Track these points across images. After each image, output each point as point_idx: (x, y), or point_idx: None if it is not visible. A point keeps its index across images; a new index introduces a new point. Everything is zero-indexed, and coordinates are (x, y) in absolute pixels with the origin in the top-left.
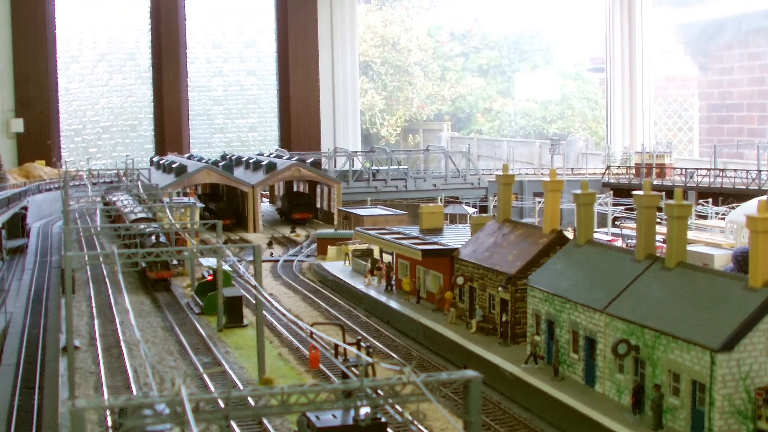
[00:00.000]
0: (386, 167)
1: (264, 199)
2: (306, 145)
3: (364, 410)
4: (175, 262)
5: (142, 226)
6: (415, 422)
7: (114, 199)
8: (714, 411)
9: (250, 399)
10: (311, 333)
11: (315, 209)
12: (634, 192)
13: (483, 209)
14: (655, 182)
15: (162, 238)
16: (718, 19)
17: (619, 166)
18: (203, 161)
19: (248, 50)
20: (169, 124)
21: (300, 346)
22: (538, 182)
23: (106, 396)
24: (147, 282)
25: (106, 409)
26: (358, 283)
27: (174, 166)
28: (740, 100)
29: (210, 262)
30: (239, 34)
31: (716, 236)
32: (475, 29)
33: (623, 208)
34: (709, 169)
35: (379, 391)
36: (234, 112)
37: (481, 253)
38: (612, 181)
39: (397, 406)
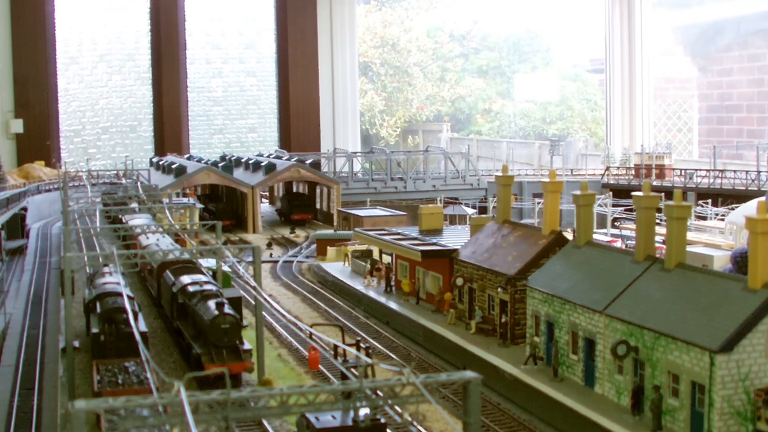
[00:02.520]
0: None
1: (263, 199)
2: (305, 145)
3: (364, 411)
4: (247, 344)
5: (189, 285)
6: (415, 423)
7: (131, 223)
8: (713, 412)
9: (249, 400)
10: (310, 334)
11: (314, 210)
12: (633, 193)
13: (482, 210)
14: (654, 183)
15: (227, 307)
16: (718, 20)
17: (618, 167)
18: (203, 162)
19: (248, 51)
20: (169, 124)
21: (299, 347)
22: (538, 183)
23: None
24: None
25: (105, 410)
26: (358, 284)
27: (173, 166)
28: (740, 102)
29: (209, 263)
30: (239, 35)
31: (716, 237)
32: (474, 30)
33: (623, 209)
34: (708, 170)
35: (378, 392)
36: (233, 112)
37: (480, 254)
38: (611, 182)
39: (397, 407)
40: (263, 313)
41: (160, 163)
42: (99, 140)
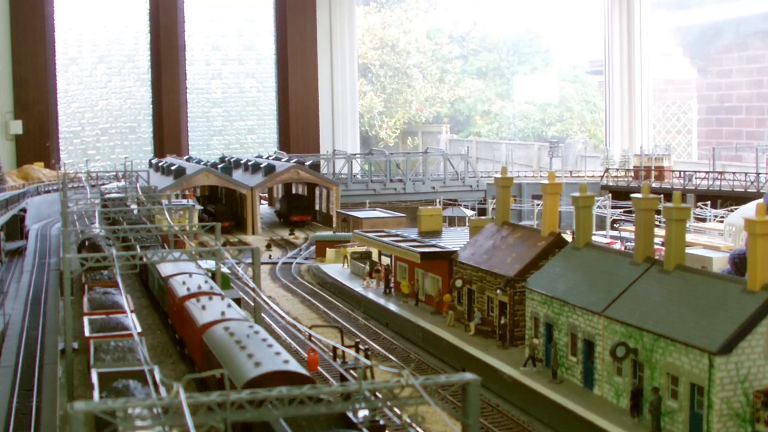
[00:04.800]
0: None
1: (263, 201)
2: (305, 147)
3: (363, 413)
4: None
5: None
6: (414, 425)
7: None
8: (712, 414)
9: (248, 402)
10: (310, 335)
11: (314, 211)
12: (632, 195)
13: (482, 212)
14: (653, 185)
15: None
16: (717, 22)
17: (617, 169)
18: (202, 163)
19: (247, 52)
20: (168, 126)
21: (299, 348)
22: (537, 185)
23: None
24: None
25: (104, 411)
26: (357, 286)
27: (173, 168)
28: (739, 103)
29: (209, 264)
30: (238, 36)
31: (715, 239)
32: (473, 32)
33: (622, 210)
34: (707, 172)
35: (377, 394)
36: (233, 114)
37: (479, 255)
38: (611, 183)
39: (396, 409)
40: (262, 314)
41: (160, 164)
42: (98, 141)
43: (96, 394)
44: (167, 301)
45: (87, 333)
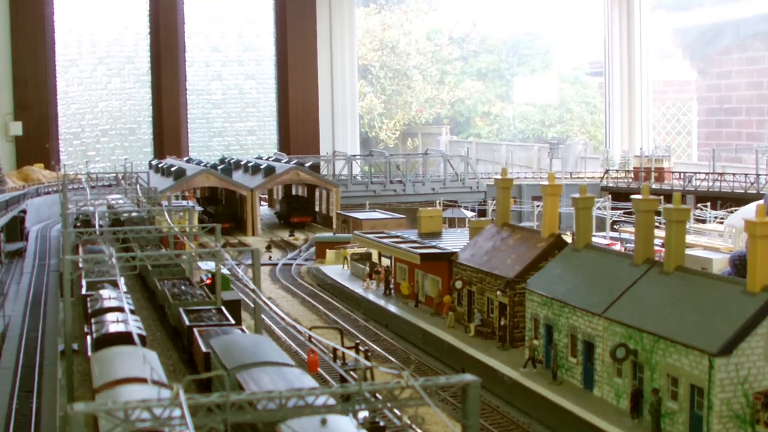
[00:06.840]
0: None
1: (263, 202)
2: (305, 148)
3: (363, 414)
4: None
5: None
6: (414, 426)
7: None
8: (712, 415)
9: (248, 403)
10: (310, 337)
11: (314, 213)
12: (632, 196)
13: (482, 213)
14: (653, 186)
15: None
16: (717, 23)
17: (617, 170)
18: (202, 165)
19: (247, 54)
20: (168, 127)
21: (298, 349)
22: (537, 186)
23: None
24: None
25: (104, 412)
26: (357, 287)
27: (173, 169)
28: (739, 104)
29: (208, 265)
30: (238, 37)
31: (715, 240)
32: (473, 33)
33: (622, 212)
34: (707, 173)
35: (377, 395)
36: (233, 115)
37: (479, 257)
38: (611, 185)
39: (396, 410)
40: (262, 315)
41: (160, 165)
42: (98, 143)
43: (84, 289)
44: None
45: (81, 266)
